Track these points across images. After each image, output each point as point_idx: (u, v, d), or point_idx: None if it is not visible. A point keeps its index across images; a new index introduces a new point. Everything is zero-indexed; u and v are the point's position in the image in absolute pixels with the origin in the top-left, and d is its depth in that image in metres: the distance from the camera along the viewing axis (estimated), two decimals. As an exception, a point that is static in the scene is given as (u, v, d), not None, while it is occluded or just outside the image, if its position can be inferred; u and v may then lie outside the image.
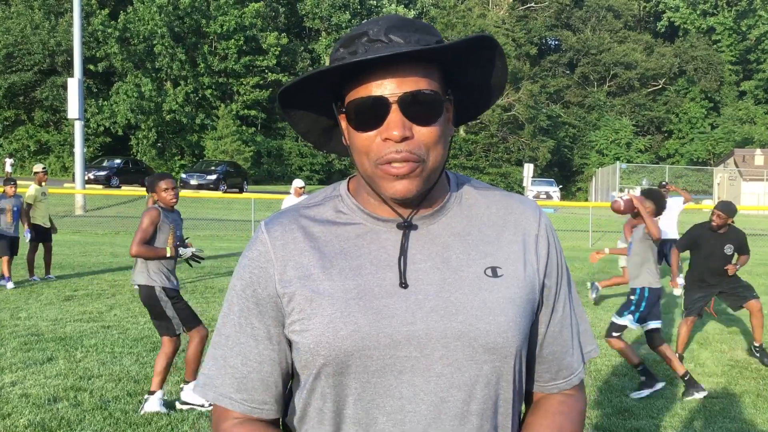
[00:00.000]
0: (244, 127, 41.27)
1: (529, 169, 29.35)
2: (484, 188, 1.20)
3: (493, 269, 1.10)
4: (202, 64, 40.69)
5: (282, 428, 1.19)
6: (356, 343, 1.03)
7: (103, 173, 29.03)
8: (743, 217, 23.44)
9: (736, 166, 41.02)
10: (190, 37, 40.66)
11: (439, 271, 1.08)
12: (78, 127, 21.60)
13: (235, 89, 42.36)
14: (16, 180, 10.65)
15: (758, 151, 42.51)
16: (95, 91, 39.25)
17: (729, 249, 6.36)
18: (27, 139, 39.47)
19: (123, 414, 4.67)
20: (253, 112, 42.41)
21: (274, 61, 42.27)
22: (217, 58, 41.28)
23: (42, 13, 38.55)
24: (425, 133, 1.04)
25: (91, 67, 37.28)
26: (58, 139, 39.18)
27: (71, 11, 28.23)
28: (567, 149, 51.61)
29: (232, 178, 31.07)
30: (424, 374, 1.04)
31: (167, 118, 39.43)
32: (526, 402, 1.24)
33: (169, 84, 40.68)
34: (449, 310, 1.05)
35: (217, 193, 27.58)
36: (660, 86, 54.11)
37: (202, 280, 10.92)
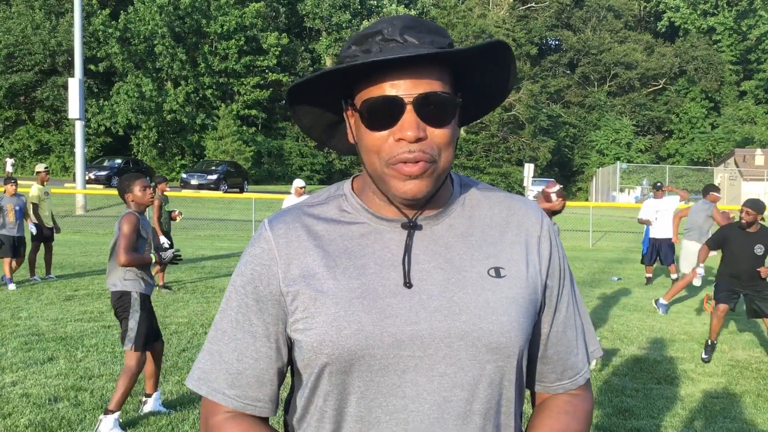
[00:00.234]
0: (245, 127, 41.27)
1: (529, 169, 29.31)
2: (486, 189, 1.21)
3: (496, 270, 1.10)
4: (203, 64, 40.69)
5: (283, 426, 1.19)
6: (360, 343, 1.03)
7: (104, 173, 29.05)
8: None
9: (737, 166, 40.99)
10: (191, 37, 40.67)
11: (443, 271, 1.08)
12: (79, 127, 21.60)
13: (236, 89, 42.36)
14: (17, 179, 10.65)
15: (759, 151, 42.48)
16: (96, 91, 39.26)
17: (759, 249, 6.18)
18: (28, 139, 39.45)
19: (123, 414, 4.67)
20: (254, 112, 42.40)
21: (275, 61, 42.26)
22: (218, 58, 41.27)
23: (43, 13, 38.54)
24: (438, 135, 1.05)
25: (92, 67, 37.31)
26: (59, 139, 39.17)
27: (72, 11, 28.27)
28: (567, 149, 51.63)
29: (232, 178, 31.09)
30: (427, 374, 1.04)
31: (168, 118, 39.43)
32: (532, 403, 1.24)
33: (169, 84, 40.69)
34: (453, 310, 1.06)
35: (218, 193, 27.59)
36: (660, 86, 54.12)
37: (202, 280, 10.93)
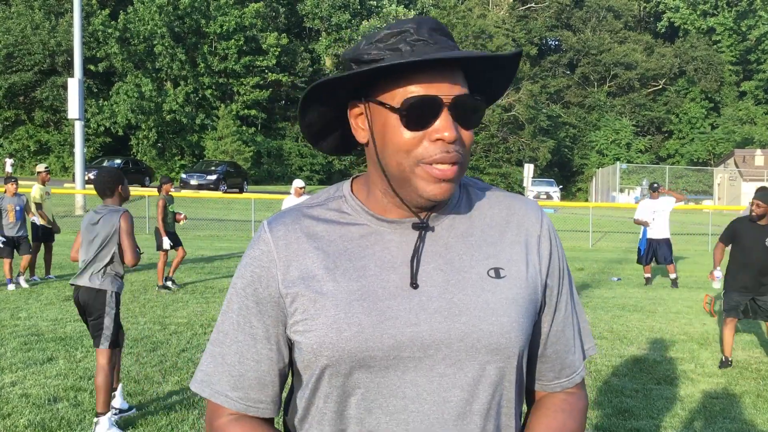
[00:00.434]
0: (244, 128, 41.27)
1: (529, 170, 29.29)
2: (485, 189, 1.20)
3: (496, 270, 1.10)
4: (202, 65, 40.69)
5: (283, 427, 1.19)
6: (360, 345, 1.03)
7: (103, 173, 29.00)
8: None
9: (737, 167, 41.03)
10: (190, 38, 40.67)
11: (443, 272, 1.08)
12: (78, 127, 21.59)
13: (235, 89, 42.36)
14: (17, 179, 10.63)
15: (758, 151, 42.53)
16: (95, 91, 39.27)
17: None
18: (27, 139, 39.47)
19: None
20: (253, 112, 42.40)
21: (274, 62, 42.24)
22: (217, 58, 41.27)
23: (42, 13, 38.55)
24: (467, 137, 1.06)
25: (92, 68, 37.31)
26: (59, 139, 39.18)
27: (71, 11, 28.27)
28: (567, 149, 51.65)
29: (232, 178, 31.10)
30: (427, 374, 1.04)
31: (167, 118, 39.44)
32: (528, 401, 1.24)
33: (169, 84, 40.70)
34: (453, 311, 1.05)
35: (217, 194, 27.59)
36: (660, 86, 54.14)
37: (201, 281, 10.93)
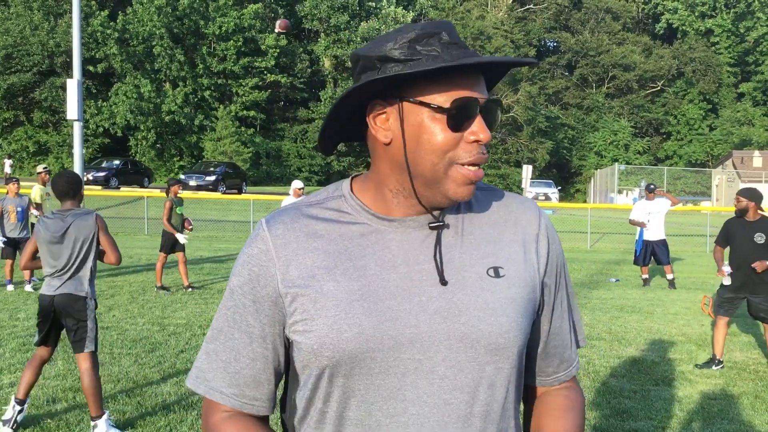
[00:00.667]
0: (243, 128, 41.24)
1: (527, 171, 29.30)
2: (484, 188, 1.21)
3: (495, 269, 1.10)
4: (201, 66, 40.65)
5: (282, 428, 1.20)
6: (360, 345, 1.03)
7: (102, 174, 28.99)
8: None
9: (735, 168, 41.09)
10: (189, 39, 40.64)
11: (443, 271, 1.08)
12: (77, 128, 21.42)
13: (234, 90, 42.32)
14: (18, 179, 10.59)
15: (756, 152, 42.60)
16: (94, 92, 39.22)
17: (760, 238, 6.16)
18: (26, 140, 39.43)
19: (121, 414, 4.68)
20: (252, 113, 42.36)
21: (273, 63, 42.20)
22: (216, 59, 41.23)
23: (41, 14, 38.50)
24: (490, 138, 1.09)
25: (90, 68, 37.26)
26: (57, 140, 39.13)
27: (70, 12, 28.14)
28: (565, 151, 51.66)
29: (231, 179, 31.07)
30: (427, 376, 1.04)
31: (166, 119, 39.40)
32: (526, 397, 1.25)
33: (168, 85, 40.67)
34: (452, 311, 1.06)
35: (216, 194, 27.58)
36: (658, 88, 54.20)
37: (200, 282, 10.93)
